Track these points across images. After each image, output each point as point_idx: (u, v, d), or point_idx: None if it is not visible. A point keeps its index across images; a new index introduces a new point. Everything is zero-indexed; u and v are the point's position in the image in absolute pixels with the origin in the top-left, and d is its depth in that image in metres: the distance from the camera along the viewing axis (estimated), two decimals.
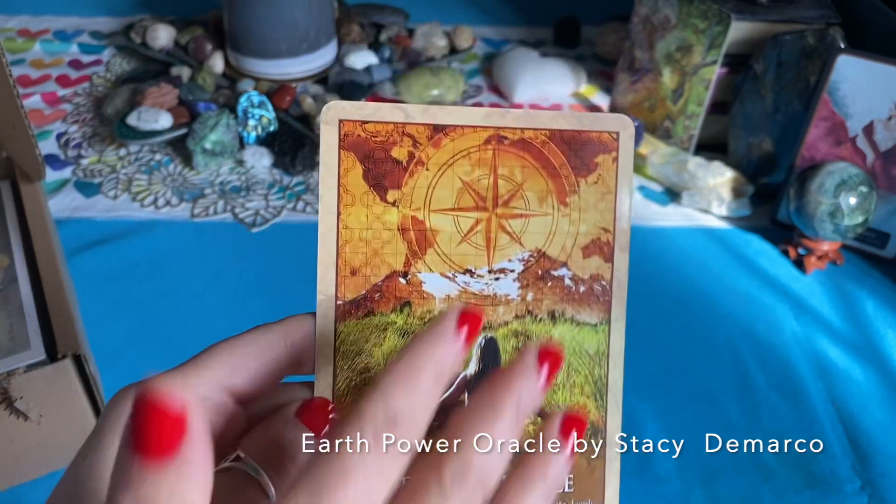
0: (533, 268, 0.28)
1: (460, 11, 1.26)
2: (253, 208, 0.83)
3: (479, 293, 0.28)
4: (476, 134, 0.27)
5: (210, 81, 0.95)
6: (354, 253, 0.27)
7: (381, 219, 0.27)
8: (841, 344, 0.71)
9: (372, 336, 0.27)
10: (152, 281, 0.73)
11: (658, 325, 0.72)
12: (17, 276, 0.59)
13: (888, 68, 0.74)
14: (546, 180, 0.28)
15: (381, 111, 0.27)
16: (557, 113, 0.28)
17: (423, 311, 0.27)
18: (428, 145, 0.27)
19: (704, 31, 0.86)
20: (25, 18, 1.17)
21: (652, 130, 0.95)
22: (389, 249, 0.27)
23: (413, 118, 0.27)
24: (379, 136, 0.27)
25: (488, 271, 0.28)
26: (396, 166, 0.27)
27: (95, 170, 0.87)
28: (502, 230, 0.28)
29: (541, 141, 0.28)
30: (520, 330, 0.28)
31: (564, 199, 0.28)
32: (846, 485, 0.59)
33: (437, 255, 0.27)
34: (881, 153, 0.77)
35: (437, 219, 0.27)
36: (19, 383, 0.50)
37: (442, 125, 0.27)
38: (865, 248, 0.81)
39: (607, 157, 0.28)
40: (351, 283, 0.27)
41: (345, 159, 0.27)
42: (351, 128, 0.27)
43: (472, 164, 0.27)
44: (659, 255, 0.80)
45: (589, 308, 0.28)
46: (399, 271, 0.27)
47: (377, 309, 0.27)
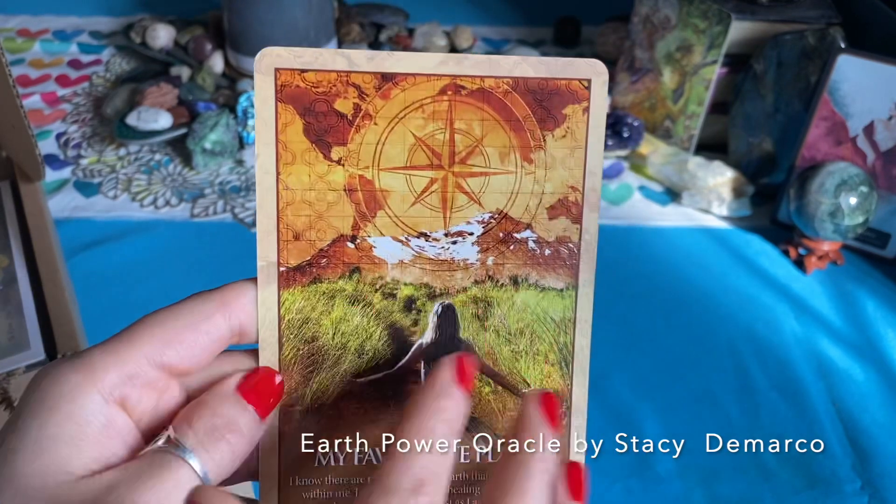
0: (494, 230, 0.26)
1: (460, 11, 1.26)
2: (252, 208, 0.83)
3: (435, 258, 0.26)
4: (430, 83, 0.25)
5: (210, 81, 0.95)
6: (297, 216, 0.25)
7: (326, 178, 0.25)
8: (841, 344, 0.71)
9: (319, 304, 0.25)
10: (152, 281, 0.73)
11: (658, 325, 0.72)
12: (17, 276, 0.59)
13: (888, 68, 0.74)
14: (508, 134, 0.25)
15: (321, 58, 0.24)
16: (521, 58, 0.25)
17: (374, 278, 0.25)
18: (376, 96, 0.25)
19: (704, 31, 0.86)
20: (25, 18, 1.17)
21: (652, 130, 0.95)
22: (335, 212, 0.25)
23: (358, 66, 0.24)
24: (320, 87, 0.24)
25: (445, 234, 0.26)
26: (341, 120, 0.25)
27: (95, 170, 0.87)
28: (460, 190, 0.25)
29: (503, 91, 0.25)
30: (479, 296, 0.26)
31: (529, 156, 0.25)
32: (846, 485, 0.59)
33: (389, 218, 0.25)
34: (881, 153, 0.77)
35: (388, 178, 0.25)
36: (19, 383, 0.50)
37: (391, 73, 0.25)
38: (866, 248, 0.81)
39: (577, 108, 0.25)
40: (294, 248, 0.25)
41: (283, 113, 0.24)
42: (289, 77, 0.24)
43: (426, 117, 0.25)
44: (659, 255, 0.80)
45: (555, 272, 0.26)
46: (347, 235, 0.25)
47: (324, 275, 0.25)
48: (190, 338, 0.23)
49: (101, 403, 0.22)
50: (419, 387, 0.24)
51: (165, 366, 0.23)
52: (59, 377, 0.22)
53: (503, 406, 0.26)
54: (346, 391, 0.25)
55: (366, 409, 0.26)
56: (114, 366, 0.22)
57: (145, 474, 0.21)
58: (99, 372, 0.22)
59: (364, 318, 0.26)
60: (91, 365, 0.22)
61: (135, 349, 0.22)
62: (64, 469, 0.21)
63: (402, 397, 0.26)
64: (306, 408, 0.25)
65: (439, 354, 0.25)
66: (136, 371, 0.22)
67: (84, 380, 0.22)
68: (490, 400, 0.26)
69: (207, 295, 0.24)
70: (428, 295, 0.26)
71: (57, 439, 0.21)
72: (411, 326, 0.26)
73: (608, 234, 0.82)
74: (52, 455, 0.21)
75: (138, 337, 0.23)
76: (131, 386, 0.22)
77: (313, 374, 0.25)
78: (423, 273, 0.26)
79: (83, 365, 0.22)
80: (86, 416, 0.21)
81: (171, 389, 0.24)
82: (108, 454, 0.22)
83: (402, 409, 0.25)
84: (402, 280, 0.26)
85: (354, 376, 0.26)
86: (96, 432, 0.21)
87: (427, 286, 0.26)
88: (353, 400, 0.26)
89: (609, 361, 0.67)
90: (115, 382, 0.22)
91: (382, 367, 0.26)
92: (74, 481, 0.20)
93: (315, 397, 0.25)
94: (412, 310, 0.26)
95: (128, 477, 0.21)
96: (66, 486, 0.20)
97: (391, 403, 0.26)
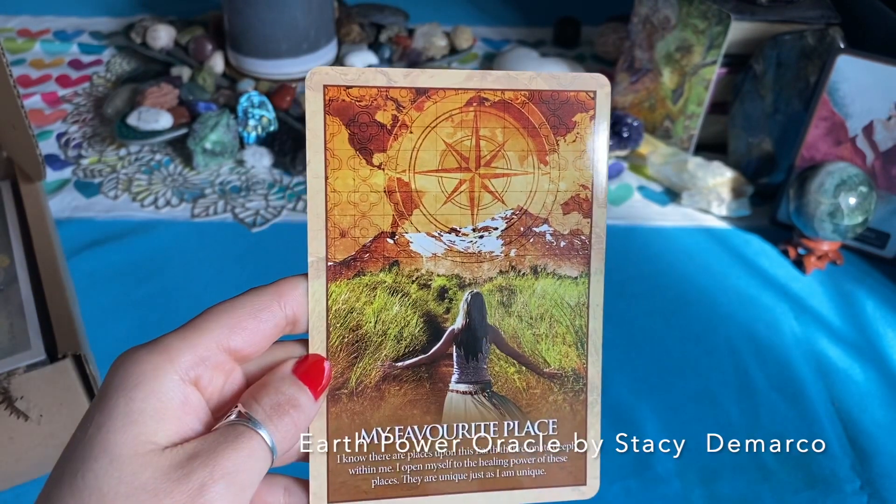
0: (515, 225, 0.29)
1: (460, 11, 1.26)
2: (253, 208, 0.83)
3: (465, 251, 0.29)
4: (458, 96, 0.28)
5: (210, 81, 0.95)
6: (343, 215, 0.28)
7: (368, 181, 0.28)
8: (841, 344, 0.71)
9: (363, 295, 0.28)
10: (152, 281, 0.73)
11: (658, 325, 0.72)
12: (18, 276, 0.59)
13: (888, 68, 0.74)
14: (526, 140, 0.29)
15: (364, 76, 0.28)
16: (536, 74, 0.29)
17: (411, 270, 0.29)
18: (411, 108, 0.28)
19: (704, 31, 0.86)
20: (26, 18, 1.17)
21: (652, 130, 0.95)
22: (377, 211, 0.28)
23: (395, 82, 0.28)
24: (363, 101, 0.28)
25: (473, 230, 0.29)
26: (381, 130, 0.28)
27: (95, 170, 0.87)
28: (485, 189, 0.29)
29: (520, 101, 0.29)
30: (504, 285, 0.29)
31: (544, 158, 0.29)
32: (846, 485, 0.59)
33: (423, 216, 0.28)
34: (881, 153, 0.77)
35: (422, 180, 0.28)
36: (19, 383, 0.50)
37: (424, 88, 0.28)
38: (865, 248, 0.81)
39: (585, 116, 0.29)
40: (341, 245, 0.28)
41: (330, 124, 0.28)
42: (335, 93, 0.27)
43: (455, 125, 0.28)
44: (659, 255, 0.80)
45: (569, 262, 0.30)
46: (387, 232, 0.28)
47: (367, 269, 0.28)
48: (252, 325, 0.26)
49: (178, 383, 0.24)
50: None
51: (231, 350, 0.25)
52: (141, 359, 0.24)
53: (526, 385, 0.30)
54: (386, 374, 0.29)
55: (405, 391, 0.29)
56: (188, 349, 0.25)
57: (223, 444, 0.24)
58: (175, 354, 0.24)
59: (402, 307, 0.29)
60: (168, 348, 0.25)
61: (205, 335, 0.25)
62: (151, 440, 0.23)
63: (437, 379, 0.29)
64: (351, 390, 0.28)
65: (469, 339, 0.29)
66: (207, 354, 0.25)
67: (163, 361, 0.24)
68: (515, 379, 0.29)
69: (265, 288, 0.27)
70: (458, 285, 0.29)
71: (143, 413, 0.23)
72: (444, 314, 0.29)
73: (608, 234, 0.82)
74: (139, 427, 0.23)
75: (207, 324, 0.25)
76: (203, 367, 0.25)
77: (357, 359, 0.28)
78: (454, 265, 0.29)
79: (161, 348, 0.25)
80: (167, 394, 0.24)
81: (235, 372, 0.27)
82: (186, 428, 0.24)
83: (437, 389, 0.29)
84: (436, 272, 0.29)
85: (394, 361, 0.29)
86: (176, 408, 0.24)
87: (458, 277, 0.29)
88: (393, 382, 0.29)
89: (609, 361, 0.67)
90: (189, 364, 0.25)
91: (418, 352, 0.29)
92: (160, 450, 0.23)
93: (359, 380, 0.28)
94: (445, 299, 0.29)
95: (208, 446, 0.23)
96: (153, 455, 0.23)
97: (427, 385, 0.29)
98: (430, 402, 0.29)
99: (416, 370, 0.29)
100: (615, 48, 1.10)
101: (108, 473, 0.22)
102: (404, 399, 0.29)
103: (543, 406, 0.29)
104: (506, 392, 0.29)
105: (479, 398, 0.29)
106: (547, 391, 0.30)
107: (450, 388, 0.29)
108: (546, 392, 0.30)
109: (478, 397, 0.29)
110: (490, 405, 0.29)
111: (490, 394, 0.29)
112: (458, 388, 0.29)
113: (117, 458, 0.22)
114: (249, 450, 0.24)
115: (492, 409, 0.29)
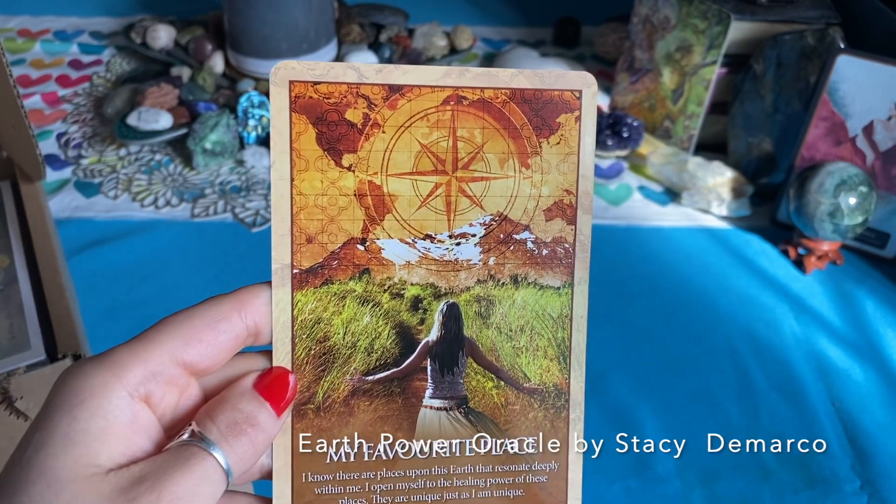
0: (495, 232, 0.27)
1: (460, 12, 1.26)
2: (253, 208, 0.83)
3: (440, 259, 0.27)
4: (434, 94, 0.26)
5: (210, 81, 0.95)
6: (310, 220, 0.26)
7: (337, 184, 0.26)
8: (841, 344, 0.71)
9: (331, 304, 0.26)
10: (152, 281, 0.73)
11: (658, 325, 0.72)
12: (17, 276, 0.59)
13: (888, 68, 0.74)
14: (507, 141, 0.27)
15: (333, 71, 0.26)
16: (518, 71, 0.27)
17: (383, 279, 0.27)
18: (384, 107, 0.26)
19: (704, 31, 0.86)
20: (26, 18, 1.17)
21: (652, 130, 0.95)
22: (346, 216, 0.26)
23: (367, 78, 0.26)
24: (332, 98, 0.26)
25: (449, 236, 0.27)
26: (351, 129, 0.26)
27: (95, 170, 0.87)
28: (463, 194, 0.27)
29: (501, 101, 0.27)
30: (482, 295, 0.27)
31: (526, 161, 0.27)
32: (846, 485, 0.59)
33: (396, 221, 0.27)
34: (881, 153, 0.77)
35: (395, 183, 0.27)
36: (19, 383, 0.50)
37: (398, 85, 0.26)
38: (865, 248, 0.81)
39: (570, 117, 0.27)
40: (307, 251, 0.26)
41: (296, 122, 0.26)
42: (302, 89, 0.26)
43: (431, 125, 0.26)
44: (659, 255, 0.80)
45: (552, 271, 0.28)
46: (357, 238, 0.26)
47: (335, 277, 0.26)
48: (209, 336, 0.24)
49: (126, 399, 0.23)
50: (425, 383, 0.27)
51: (186, 363, 0.24)
52: (86, 375, 0.23)
53: (505, 400, 0.28)
54: (356, 389, 0.27)
55: (375, 406, 0.27)
56: (138, 363, 0.23)
57: (173, 466, 0.22)
58: (124, 369, 0.23)
59: (373, 318, 0.27)
60: (116, 363, 0.23)
61: (157, 347, 0.23)
62: (93, 462, 0.21)
63: (410, 394, 0.27)
64: (318, 405, 0.26)
65: (444, 352, 0.27)
66: (159, 368, 0.23)
67: (110, 377, 0.23)
68: (493, 395, 0.28)
69: (224, 297, 0.25)
70: (433, 294, 0.27)
71: (86, 434, 0.22)
72: (418, 325, 0.27)
73: (608, 234, 0.82)
74: (81, 449, 0.21)
75: (160, 336, 0.24)
76: (155, 383, 0.23)
77: (325, 372, 0.26)
78: (428, 273, 0.27)
79: (109, 363, 0.23)
80: (113, 412, 0.22)
81: (191, 388, 0.25)
82: (135, 448, 0.22)
83: (410, 404, 0.27)
84: (409, 280, 0.27)
85: (364, 374, 0.27)
86: (123, 427, 0.22)
87: (432, 286, 0.27)
88: (362, 397, 0.27)
89: (609, 361, 0.67)
90: (139, 379, 0.23)
91: (390, 365, 0.27)
92: (104, 474, 0.21)
93: (326, 395, 0.27)
94: (419, 309, 0.27)
95: (156, 469, 0.22)
96: (96, 479, 0.21)
97: (399, 400, 0.27)
98: (403, 419, 0.27)
99: (388, 384, 0.27)
100: (615, 48, 1.10)
101: (45, 499, 0.21)
102: (375, 415, 0.27)
103: (523, 423, 0.28)
104: (483, 408, 0.28)
105: (454, 414, 0.27)
106: (527, 407, 0.28)
107: (423, 403, 0.27)
108: (526, 408, 0.28)
109: (453, 413, 0.27)
110: (466, 422, 0.28)
111: (466, 410, 0.28)
112: (433, 404, 0.27)
113: (55, 482, 0.21)
114: (201, 473, 0.22)
115: (468, 425, 0.27)
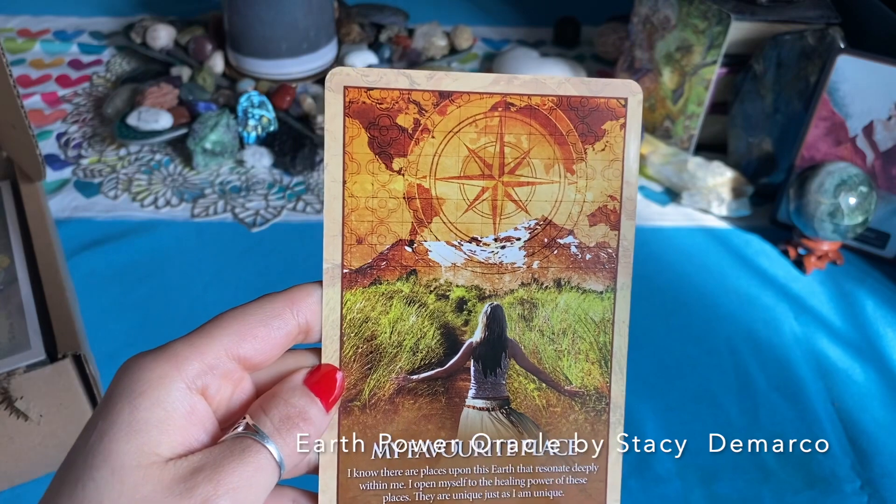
0: (539, 236, 0.28)
1: (460, 11, 1.26)
2: (253, 208, 0.83)
3: (485, 261, 0.28)
4: (482, 101, 0.27)
5: (210, 81, 0.95)
6: (360, 221, 0.27)
7: (387, 187, 0.27)
8: (841, 344, 0.71)
9: (378, 304, 0.27)
10: (152, 281, 0.73)
11: (658, 325, 0.72)
12: (17, 276, 0.59)
13: (888, 68, 0.74)
14: (553, 147, 0.28)
15: (386, 77, 0.27)
16: (565, 78, 0.27)
17: (429, 280, 0.27)
18: (434, 112, 0.27)
19: (704, 31, 0.86)
20: (26, 18, 1.17)
21: (652, 130, 0.95)
22: (395, 218, 0.27)
23: (418, 85, 0.27)
24: (384, 103, 0.27)
25: (494, 239, 0.28)
26: (402, 134, 0.27)
27: (95, 170, 0.87)
28: (508, 198, 0.28)
29: (548, 107, 0.27)
30: (525, 298, 0.28)
31: (571, 167, 0.28)
32: (846, 485, 0.59)
33: (443, 224, 0.27)
34: (881, 153, 0.77)
35: (443, 187, 0.27)
36: (19, 383, 0.50)
37: (448, 92, 0.27)
38: (865, 248, 0.81)
39: (615, 124, 0.28)
40: (357, 252, 0.27)
41: (350, 127, 0.27)
42: (356, 94, 0.26)
43: (479, 131, 0.27)
44: (659, 255, 0.80)
45: (594, 276, 0.28)
46: (405, 240, 0.27)
47: (383, 277, 0.27)
48: (262, 333, 0.25)
49: (185, 391, 0.23)
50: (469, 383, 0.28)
51: (241, 358, 0.25)
52: (146, 366, 0.23)
53: (546, 402, 0.28)
54: (400, 387, 0.28)
55: (419, 405, 0.28)
56: (196, 356, 0.24)
57: (228, 457, 0.23)
58: (182, 362, 0.24)
59: (419, 318, 0.28)
60: (175, 355, 0.24)
61: (214, 342, 0.24)
62: (154, 451, 0.22)
63: (453, 393, 0.28)
64: (364, 403, 0.27)
65: (488, 353, 0.28)
66: (216, 362, 0.24)
67: (170, 369, 0.23)
68: (535, 396, 0.28)
69: (277, 295, 0.26)
70: (478, 296, 0.28)
71: (147, 423, 0.22)
72: (462, 326, 0.28)
73: None
74: (143, 437, 0.22)
75: (216, 331, 0.24)
76: (211, 376, 0.24)
77: (371, 370, 0.27)
78: (473, 276, 0.28)
79: (168, 355, 0.24)
80: (172, 403, 0.23)
81: (245, 382, 0.26)
82: (192, 439, 0.23)
83: (453, 404, 0.28)
84: (455, 282, 0.28)
85: (409, 373, 0.28)
86: (181, 418, 0.23)
87: (477, 288, 0.28)
88: (407, 395, 0.28)
89: None
90: (196, 372, 0.24)
91: (434, 365, 0.28)
92: (164, 462, 0.22)
93: (372, 392, 0.27)
94: (463, 310, 0.28)
95: (213, 459, 0.23)
96: (156, 467, 0.22)
97: (443, 399, 0.28)
98: (446, 418, 0.28)
99: (432, 384, 0.28)
100: (615, 48, 1.10)
101: (110, 485, 0.21)
102: (419, 413, 0.28)
103: (563, 425, 0.28)
104: (524, 409, 0.28)
105: (496, 415, 0.28)
106: (568, 410, 0.28)
107: (466, 403, 0.28)
108: (567, 410, 0.28)
109: (495, 414, 0.28)
110: (508, 422, 0.28)
111: (508, 410, 0.28)
112: (475, 404, 0.28)
113: (119, 469, 0.22)
114: (256, 464, 0.23)
115: (509, 426, 0.28)
